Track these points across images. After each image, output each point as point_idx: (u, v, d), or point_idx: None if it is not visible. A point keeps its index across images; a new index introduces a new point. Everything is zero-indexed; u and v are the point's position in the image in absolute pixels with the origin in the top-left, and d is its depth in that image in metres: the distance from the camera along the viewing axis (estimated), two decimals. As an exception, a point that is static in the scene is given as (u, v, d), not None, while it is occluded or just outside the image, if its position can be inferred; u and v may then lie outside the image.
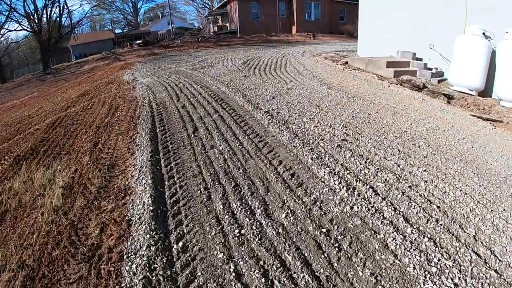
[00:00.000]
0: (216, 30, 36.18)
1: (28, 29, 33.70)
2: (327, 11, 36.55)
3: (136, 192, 4.35)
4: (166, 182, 4.55)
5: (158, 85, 11.73)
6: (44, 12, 33.89)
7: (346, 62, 13.20)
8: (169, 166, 5.07)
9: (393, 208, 3.59)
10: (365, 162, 4.72)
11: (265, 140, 5.78)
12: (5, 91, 28.73)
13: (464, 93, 8.99)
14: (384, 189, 3.99)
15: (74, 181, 5.12)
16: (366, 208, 3.61)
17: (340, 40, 33.35)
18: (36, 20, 33.45)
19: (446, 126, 6.37)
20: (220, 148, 5.57)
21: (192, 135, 6.25)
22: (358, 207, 3.64)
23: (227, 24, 37.83)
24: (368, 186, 4.05)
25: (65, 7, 34.75)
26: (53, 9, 34.17)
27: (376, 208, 3.62)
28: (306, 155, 5.00)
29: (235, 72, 12.91)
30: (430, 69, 10.68)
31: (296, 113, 7.16)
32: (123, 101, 10.08)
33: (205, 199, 4.00)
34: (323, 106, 7.67)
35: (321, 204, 3.75)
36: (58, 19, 34.69)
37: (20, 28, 34.23)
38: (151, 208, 3.85)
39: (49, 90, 20.49)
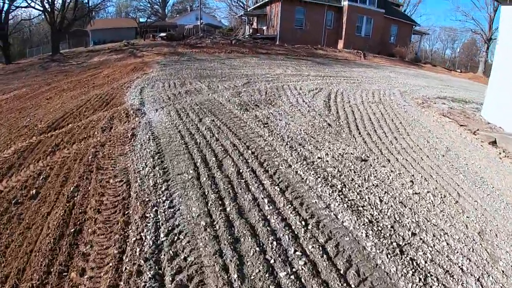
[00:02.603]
0: (251, 33, 29.96)
1: (38, 7, 27.52)
2: (380, 28, 30.19)
3: None
4: None
5: (178, 144, 5.68)
6: (60, -11, 27.74)
7: (494, 141, 7.40)
8: None
9: None
10: None
11: None
12: (3, 75, 22.90)
13: None
14: None
15: None
16: None
17: (394, 64, 27.10)
18: (49, -2, 27.28)
19: None
20: None
21: None
22: None
23: (264, 28, 31.61)
24: None
25: (84, -15, 28.50)
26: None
27: None
28: None
29: (324, 131, 6.82)
30: None
31: None
32: (98, 202, 3.98)
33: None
34: None
35: None
36: (74, -1, 28.52)
37: (28, 5, 27.94)
38: None
39: (40, 88, 14.51)
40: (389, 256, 3.13)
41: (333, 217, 3.70)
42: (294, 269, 2.88)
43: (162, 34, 33.46)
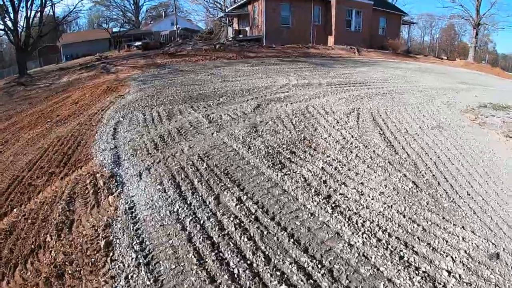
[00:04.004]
0: (234, 35, 27.01)
1: (-1, 26, 23.87)
2: (369, 20, 27.72)
3: None
4: None
5: (197, 280, 2.85)
6: (22, 5, 24.07)
7: None
8: None
9: None
10: None
11: None
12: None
13: None
14: None
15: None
16: None
17: (389, 58, 24.80)
18: (12, 15, 23.65)
19: None
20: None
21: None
22: None
23: (247, 29, 28.74)
24: None
25: (47, -1, 24.90)
26: (34, 1, 24.26)
27: None
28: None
29: (419, 202, 4.32)
30: None
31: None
32: None
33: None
34: None
35: None
36: (39, 14, 24.92)
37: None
38: None
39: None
40: None
41: None
42: None
43: (137, 43, 30.23)
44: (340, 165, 4.94)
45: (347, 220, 3.62)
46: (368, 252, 3.12)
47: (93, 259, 3.24)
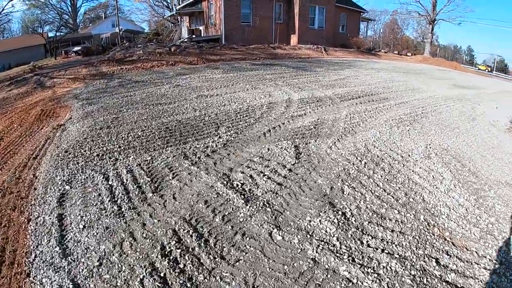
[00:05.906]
0: (189, 36, 23.33)
1: None
2: (332, 18, 25.49)
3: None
4: None
5: None
6: None
7: None
8: None
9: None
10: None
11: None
12: None
13: None
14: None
15: None
16: None
17: (356, 56, 22.97)
18: None
19: None
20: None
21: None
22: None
23: (201, 28, 25.28)
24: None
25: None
26: None
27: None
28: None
29: None
30: None
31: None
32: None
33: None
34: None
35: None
36: None
37: None
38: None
39: None
40: None
41: None
42: None
43: (77, 49, 25.49)
44: None
45: None
46: None
47: None
